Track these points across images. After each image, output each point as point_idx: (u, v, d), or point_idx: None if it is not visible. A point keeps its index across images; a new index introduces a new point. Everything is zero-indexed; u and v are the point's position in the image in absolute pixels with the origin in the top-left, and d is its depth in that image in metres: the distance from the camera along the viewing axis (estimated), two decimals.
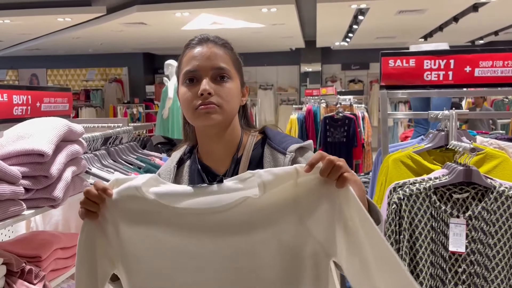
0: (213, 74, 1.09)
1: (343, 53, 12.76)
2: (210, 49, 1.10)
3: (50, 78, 13.52)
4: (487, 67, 1.93)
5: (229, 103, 1.10)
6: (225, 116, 1.10)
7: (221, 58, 1.10)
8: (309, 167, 0.87)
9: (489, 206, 1.52)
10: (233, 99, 1.11)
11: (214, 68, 1.09)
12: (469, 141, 1.76)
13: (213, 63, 1.09)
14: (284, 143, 1.14)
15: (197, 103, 1.07)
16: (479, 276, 1.53)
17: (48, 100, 2.15)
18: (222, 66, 1.09)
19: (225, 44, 1.14)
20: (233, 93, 1.11)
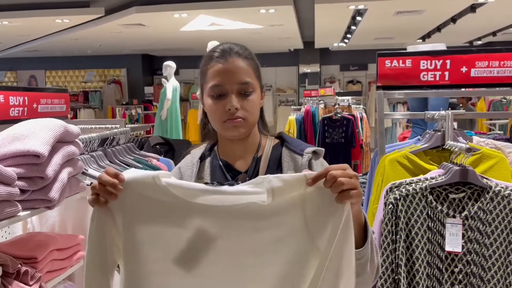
0: (238, 89, 1.17)
1: (342, 54, 12.77)
2: (234, 64, 1.18)
3: (48, 79, 13.52)
4: (483, 67, 1.94)
5: (253, 115, 1.20)
6: (250, 126, 1.22)
7: (245, 72, 1.18)
8: (311, 181, 0.93)
9: (485, 206, 1.52)
10: (256, 109, 1.22)
11: (239, 83, 1.17)
12: (465, 141, 1.76)
13: (238, 78, 1.17)
14: (300, 146, 1.25)
15: (225, 117, 1.17)
16: (476, 276, 1.53)
17: (45, 101, 2.15)
18: (246, 81, 1.18)
19: (247, 56, 1.21)
20: (256, 104, 1.21)
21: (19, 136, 1.40)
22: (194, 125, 9.04)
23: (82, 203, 1.80)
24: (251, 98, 1.18)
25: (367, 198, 2.22)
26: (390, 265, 1.55)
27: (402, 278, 1.53)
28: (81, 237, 1.70)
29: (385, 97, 2.04)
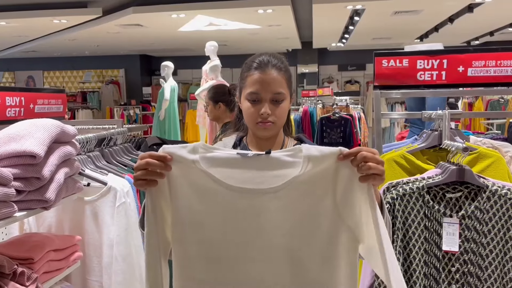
0: (271, 97, 1.34)
1: (340, 54, 12.78)
2: (270, 76, 1.34)
3: (46, 80, 13.50)
4: (480, 66, 1.94)
5: (282, 119, 1.38)
6: (278, 129, 1.41)
7: (279, 83, 1.35)
8: (343, 156, 0.99)
9: (482, 205, 1.52)
10: (285, 114, 1.40)
11: (273, 93, 1.34)
12: (462, 141, 1.77)
13: (273, 89, 1.34)
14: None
15: (258, 119, 1.35)
16: (473, 275, 1.53)
17: (42, 102, 2.15)
18: (279, 91, 1.34)
19: (282, 68, 1.37)
20: (285, 110, 1.39)
21: (15, 136, 1.40)
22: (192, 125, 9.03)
23: (79, 203, 1.80)
24: (282, 105, 1.36)
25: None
26: None
27: None
28: (78, 238, 1.69)
29: (382, 96, 2.04)
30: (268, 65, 1.35)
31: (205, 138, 6.08)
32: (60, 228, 1.82)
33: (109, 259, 1.75)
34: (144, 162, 0.99)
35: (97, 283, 1.79)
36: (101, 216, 1.78)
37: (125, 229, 1.76)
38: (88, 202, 1.79)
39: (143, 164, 0.99)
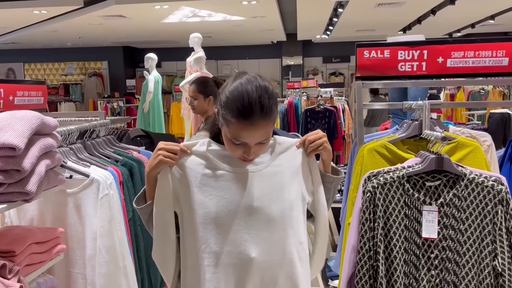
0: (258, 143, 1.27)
1: (324, 46, 12.82)
2: (261, 126, 1.23)
3: (27, 72, 13.24)
4: (459, 58, 1.97)
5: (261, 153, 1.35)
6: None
7: (266, 131, 1.27)
8: (299, 144, 1.40)
9: (460, 193, 1.56)
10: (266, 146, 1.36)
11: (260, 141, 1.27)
12: (441, 131, 1.80)
13: (260, 139, 1.27)
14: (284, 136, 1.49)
15: (239, 155, 1.29)
16: (451, 261, 1.57)
17: (22, 94, 2.12)
18: (266, 138, 1.28)
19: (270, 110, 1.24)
20: (265, 146, 1.33)
21: None
22: (177, 117, 8.97)
23: (62, 196, 1.78)
24: (265, 142, 1.30)
25: (347, 187, 2.25)
26: (368, 252, 1.58)
27: (381, 265, 1.56)
28: (60, 230, 1.68)
29: (364, 87, 2.06)
30: (254, 116, 1.21)
31: (190, 130, 6.06)
32: (42, 221, 1.81)
33: (92, 251, 1.75)
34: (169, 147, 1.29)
35: (81, 275, 1.78)
36: (84, 208, 1.77)
37: (109, 221, 1.76)
38: (71, 194, 1.78)
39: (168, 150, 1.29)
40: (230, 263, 1.30)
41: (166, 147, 1.29)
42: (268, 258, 1.32)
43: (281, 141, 1.38)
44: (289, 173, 1.36)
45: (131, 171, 2.03)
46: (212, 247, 1.30)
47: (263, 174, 1.33)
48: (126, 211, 1.92)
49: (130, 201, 1.97)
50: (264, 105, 1.21)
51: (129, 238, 1.91)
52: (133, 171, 2.03)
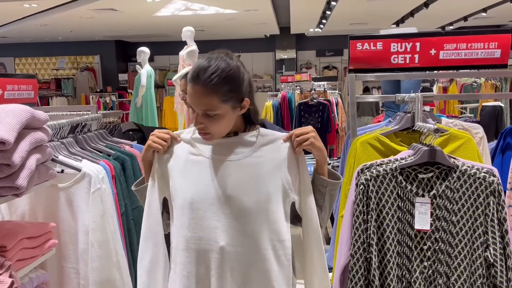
0: (203, 112, 1.29)
1: (318, 40, 12.80)
2: (198, 92, 1.27)
3: (18, 67, 13.11)
4: (451, 49, 1.97)
5: (219, 130, 1.34)
6: (218, 137, 1.36)
7: (208, 102, 1.27)
8: (286, 138, 1.37)
9: (452, 184, 1.57)
10: (222, 125, 1.33)
11: (203, 110, 1.29)
12: (434, 123, 1.80)
13: (202, 107, 1.28)
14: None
15: (196, 126, 1.32)
16: (443, 253, 1.58)
17: (12, 88, 2.09)
18: (207, 109, 1.28)
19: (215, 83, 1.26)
20: (221, 123, 1.32)
21: None
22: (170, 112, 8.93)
23: (53, 190, 1.77)
24: (215, 119, 1.30)
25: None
26: (362, 244, 1.58)
27: (374, 257, 1.57)
28: (52, 225, 1.67)
29: (357, 80, 2.06)
30: (198, 79, 1.25)
31: (183, 124, 6.04)
32: (34, 216, 1.79)
33: (85, 245, 1.74)
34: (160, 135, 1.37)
35: (73, 270, 1.77)
36: (76, 202, 1.75)
37: (101, 215, 1.75)
38: (62, 189, 1.76)
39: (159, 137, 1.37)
40: (201, 248, 1.32)
41: (157, 133, 1.37)
42: (238, 250, 1.31)
43: (265, 133, 1.37)
44: (271, 166, 1.34)
45: (123, 165, 2.01)
46: (185, 232, 1.33)
47: (242, 163, 1.33)
48: (118, 206, 1.91)
49: (123, 195, 1.95)
50: (209, 75, 1.25)
51: (122, 232, 1.90)
52: (125, 165, 2.02)
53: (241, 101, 1.33)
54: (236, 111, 1.34)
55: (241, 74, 1.31)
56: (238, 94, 1.31)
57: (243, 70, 1.33)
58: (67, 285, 1.78)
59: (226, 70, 1.27)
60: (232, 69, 1.29)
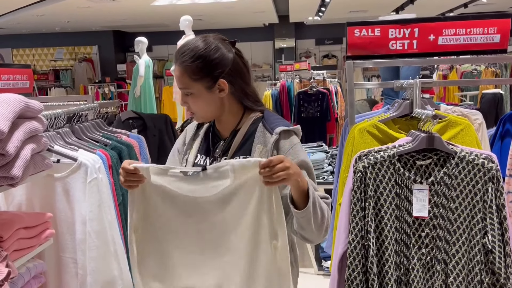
0: (182, 91, 1.37)
1: (317, 28, 12.72)
2: (176, 71, 1.36)
3: (16, 58, 13.04)
4: (450, 35, 1.95)
5: (201, 110, 1.39)
6: (204, 117, 1.42)
7: (181, 80, 1.35)
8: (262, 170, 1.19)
9: (450, 171, 1.56)
10: (200, 106, 1.37)
11: (180, 88, 1.37)
12: (432, 109, 1.79)
13: (178, 84, 1.37)
14: (274, 123, 1.39)
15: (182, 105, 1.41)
16: (442, 239, 1.57)
17: (6, 77, 2.07)
18: (183, 87, 1.35)
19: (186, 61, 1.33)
20: (199, 103, 1.36)
21: None
22: (169, 102, 8.90)
23: (49, 180, 1.76)
24: (192, 100, 1.36)
25: (338, 168, 2.24)
26: (359, 232, 1.58)
27: (372, 244, 1.56)
28: (49, 215, 1.66)
29: (356, 66, 2.03)
30: (176, 59, 1.35)
31: (182, 114, 6.02)
32: (31, 206, 1.79)
33: (82, 235, 1.73)
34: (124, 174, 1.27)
35: (71, 260, 1.77)
36: (72, 192, 1.75)
37: (98, 205, 1.74)
38: (59, 178, 1.76)
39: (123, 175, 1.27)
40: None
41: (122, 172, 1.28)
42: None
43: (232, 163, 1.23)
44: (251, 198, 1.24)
45: (120, 155, 2.00)
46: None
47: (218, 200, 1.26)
48: (116, 195, 1.90)
49: (120, 185, 1.94)
50: (181, 53, 1.34)
51: (120, 222, 1.89)
52: (122, 155, 2.01)
53: (215, 82, 1.34)
54: (214, 92, 1.36)
55: (214, 55, 1.32)
56: (209, 74, 1.33)
57: (220, 54, 1.33)
58: (65, 274, 1.78)
59: (199, 49, 1.32)
60: (207, 49, 1.32)
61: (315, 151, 3.72)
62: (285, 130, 1.38)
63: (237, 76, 1.38)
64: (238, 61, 1.38)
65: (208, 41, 1.34)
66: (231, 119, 1.44)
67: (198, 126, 1.54)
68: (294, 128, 1.41)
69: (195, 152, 1.48)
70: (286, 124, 1.40)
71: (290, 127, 1.39)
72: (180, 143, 1.56)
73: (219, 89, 1.36)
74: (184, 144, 1.53)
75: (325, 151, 3.71)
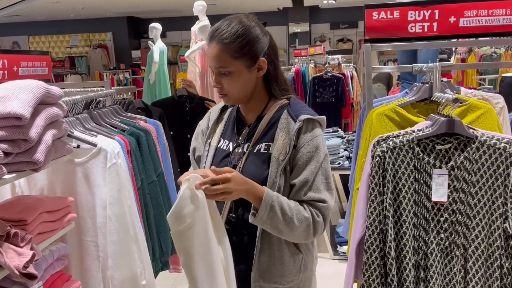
0: (217, 71, 1.33)
1: (332, 12, 12.52)
2: (213, 50, 1.31)
3: (32, 45, 13.18)
4: (472, 16, 1.90)
5: (234, 91, 1.35)
6: (236, 99, 1.38)
7: (219, 58, 1.30)
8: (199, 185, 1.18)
9: (471, 155, 1.54)
10: (237, 87, 1.34)
11: (216, 68, 1.32)
12: (452, 93, 1.76)
13: (215, 64, 1.32)
14: (299, 111, 1.35)
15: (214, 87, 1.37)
16: (461, 224, 1.56)
17: (26, 64, 2.10)
18: (221, 66, 1.31)
19: (226, 38, 1.29)
20: (234, 83, 1.33)
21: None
22: None
23: (70, 165, 1.79)
24: (228, 79, 1.32)
25: (355, 153, 2.23)
26: (377, 216, 1.58)
27: (390, 229, 1.56)
28: (70, 199, 1.69)
29: (373, 50, 2.00)
30: (213, 38, 1.31)
31: None
32: (52, 191, 1.82)
33: (102, 219, 1.77)
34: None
35: (92, 243, 1.81)
36: (92, 177, 1.77)
37: (118, 189, 1.76)
38: (79, 164, 1.78)
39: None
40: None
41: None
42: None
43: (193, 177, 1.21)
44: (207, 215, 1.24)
45: (139, 140, 2.02)
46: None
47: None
48: (135, 180, 1.93)
49: (138, 170, 1.97)
50: (221, 32, 1.30)
51: (139, 206, 1.92)
52: (140, 140, 2.03)
53: (255, 61, 1.32)
54: (253, 72, 1.34)
55: (255, 33, 1.31)
56: (251, 52, 1.30)
57: (260, 32, 1.32)
58: (87, 257, 1.82)
59: (239, 27, 1.30)
60: (248, 27, 1.31)
61: (330, 136, 3.70)
62: (309, 119, 1.34)
63: (273, 57, 1.37)
64: (272, 42, 1.38)
65: (245, 20, 1.33)
66: (258, 104, 1.42)
67: (222, 110, 1.53)
68: (319, 118, 1.37)
69: (218, 137, 1.47)
70: (311, 113, 1.36)
71: (315, 116, 1.36)
72: (203, 125, 1.54)
73: (258, 68, 1.34)
74: (207, 127, 1.51)
75: (340, 137, 3.69)
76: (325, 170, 1.34)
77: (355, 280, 1.73)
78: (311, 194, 1.30)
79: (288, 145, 1.31)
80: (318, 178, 1.32)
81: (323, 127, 1.39)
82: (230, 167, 1.31)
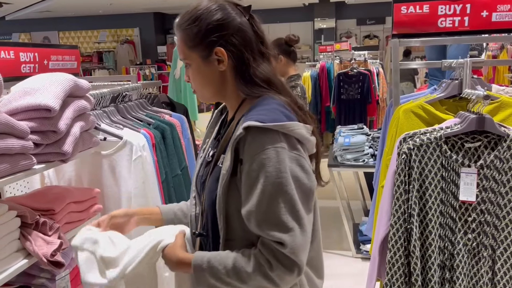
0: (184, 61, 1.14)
1: (358, 8, 12.36)
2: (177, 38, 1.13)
3: (62, 40, 13.51)
4: (505, 11, 1.83)
5: (197, 87, 1.14)
6: (205, 96, 1.15)
7: (179, 49, 1.13)
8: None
9: (501, 154, 1.49)
10: (199, 81, 1.13)
11: (181, 60, 1.14)
12: (483, 89, 1.71)
13: (179, 55, 1.14)
14: (252, 115, 1.01)
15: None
16: (490, 225, 1.52)
17: (56, 58, 2.15)
18: (182, 57, 1.13)
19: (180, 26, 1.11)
20: (195, 77, 1.13)
21: (30, 90, 1.41)
22: None
23: (97, 157, 1.83)
24: (191, 72, 1.13)
25: (380, 150, 2.19)
26: (402, 215, 1.55)
27: (415, 228, 1.53)
28: (96, 190, 1.73)
29: (401, 45, 1.96)
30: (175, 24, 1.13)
31: None
32: (79, 182, 1.86)
33: None
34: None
35: None
36: (118, 169, 1.81)
37: (143, 182, 1.79)
38: (105, 156, 1.82)
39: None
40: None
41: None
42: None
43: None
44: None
45: (163, 134, 2.05)
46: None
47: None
48: (159, 173, 1.95)
49: (163, 163, 1.99)
50: (183, 16, 1.11)
51: (163, 199, 1.94)
52: (165, 134, 2.05)
53: (210, 50, 1.07)
54: (211, 64, 1.09)
55: (213, 17, 1.06)
56: (205, 40, 1.06)
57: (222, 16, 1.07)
58: None
59: (196, 11, 1.09)
60: (207, 9, 1.07)
61: (355, 133, 3.65)
62: (255, 127, 0.97)
63: (243, 47, 1.08)
64: (247, 29, 1.09)
65: (208, 2, 1.10)
66: (233, 104, 1.15)
67: (219, 113, 1.30)
68: (274, 126, 0.98)
69: (210, 143, 1.24)
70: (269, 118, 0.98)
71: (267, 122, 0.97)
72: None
73: (218, 60, 1.08)
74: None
75: (365, 134, 3.64)
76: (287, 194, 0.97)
77: (378, 279, 1.70)
78: (264, 232, 0.98)
79: (230, 159, 1.02)
80: (273, 207, 0.97)
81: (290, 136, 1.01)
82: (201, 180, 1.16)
